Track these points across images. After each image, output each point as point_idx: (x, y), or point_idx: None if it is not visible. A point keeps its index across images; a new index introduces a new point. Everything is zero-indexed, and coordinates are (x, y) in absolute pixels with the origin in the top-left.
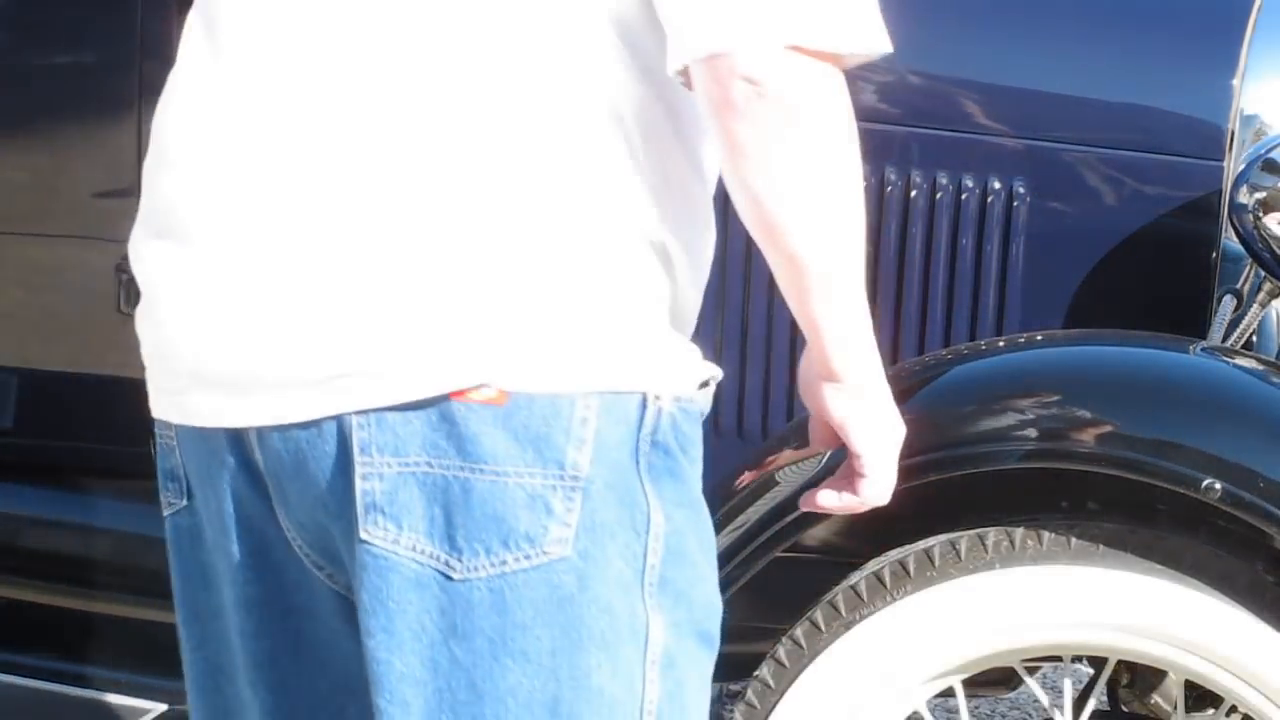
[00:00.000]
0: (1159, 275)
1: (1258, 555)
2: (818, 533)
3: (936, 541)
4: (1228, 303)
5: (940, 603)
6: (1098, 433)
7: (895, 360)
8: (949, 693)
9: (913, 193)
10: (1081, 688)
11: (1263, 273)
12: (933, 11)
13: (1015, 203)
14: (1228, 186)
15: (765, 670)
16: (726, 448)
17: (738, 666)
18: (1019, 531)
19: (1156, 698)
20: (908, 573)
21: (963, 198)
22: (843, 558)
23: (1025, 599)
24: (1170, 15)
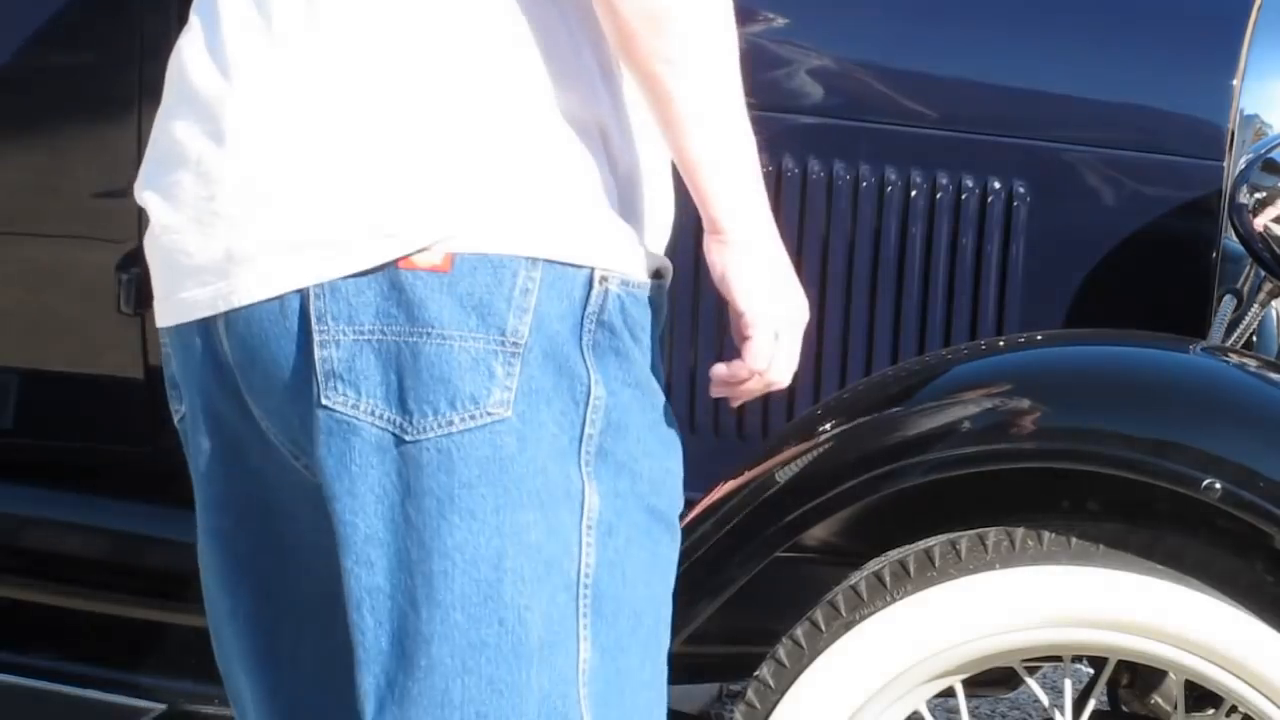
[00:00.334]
0: (1159, 275)
1: (1258, 555)
2: (818, 533)
3: (936, 541)
4: (1228, 303)
5: (940, 603)
6: (1098, 433)
7: (895, 360)
8: (949, 693)
9: (913, 193)
10: (1081, 688)
11: (1263, 273)
12: (933, 11)
13: (1015, 203)
14: (1228, 186)
15: (765, 670)
16: (726, 448)
17: (738, 666)
18: (1019, 531)
19: (1156, 698)
20: (908, 573)
21: (963, 198)
22: (843, 558)
23: (1025, 599)
24: (1170, 15)
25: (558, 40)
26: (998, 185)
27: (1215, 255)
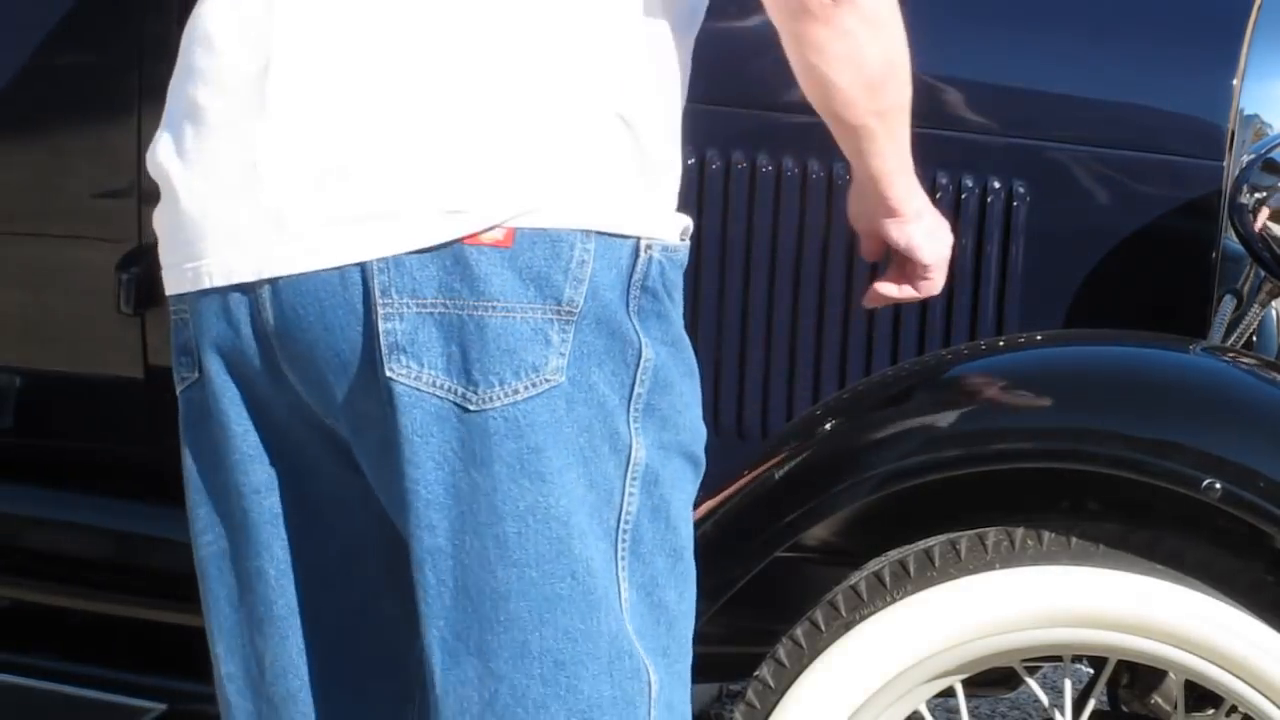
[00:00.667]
0: (1159, 275)
1: (1258, 555)
2: (818, 533)
3: (936, 541)
4: (1228, 303)
5: (940, 603)
6: (1098, 433)
7: (895, 360)
8: (949, 693)
9: None
10: (1081, 688)
11: (1263, 273)
12: (933, 11)
13: (1015, 203)
14: (1228, 186)
15: (765, 670)
16: (726, 448)
17: (738, 666)
18: (1019, 531)
19: (1156, 698)
20: (908, 573)
21: (963, 198)
22: (843, 558)
23: (1025, 599)
24: (1170, 15)
25: (610, 43)
26: (998, 185)
27: (1215, 255)
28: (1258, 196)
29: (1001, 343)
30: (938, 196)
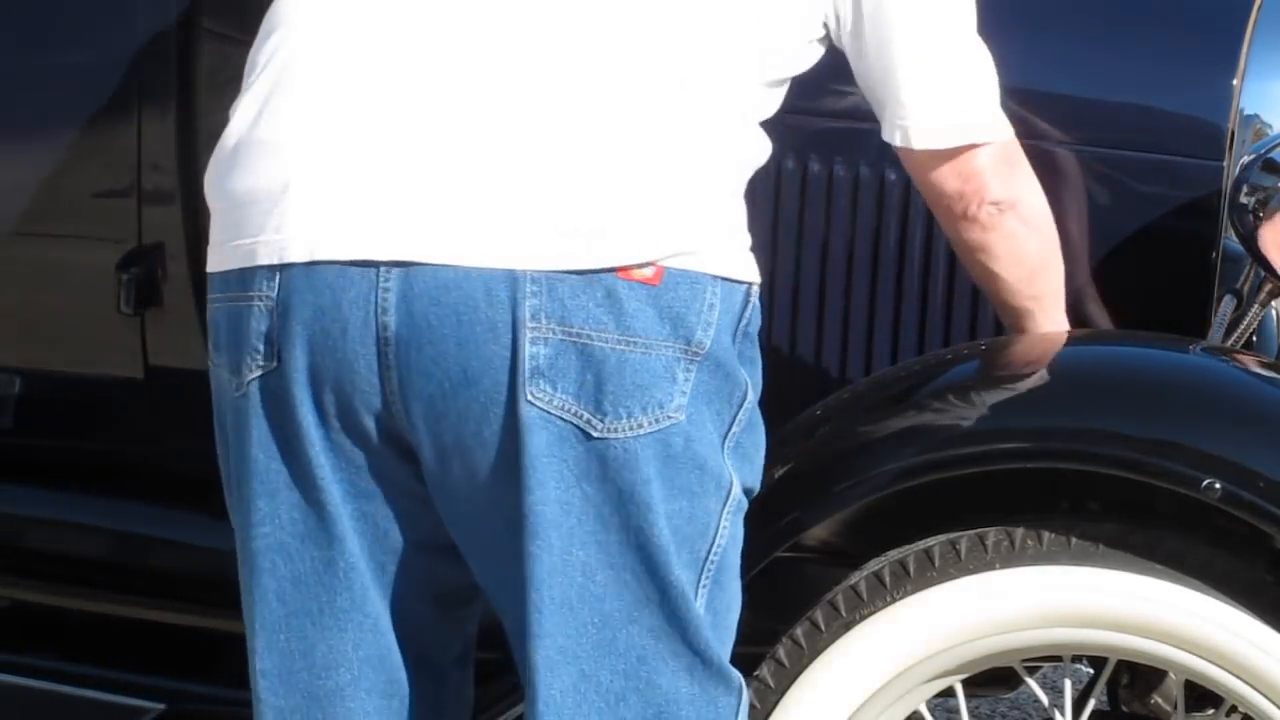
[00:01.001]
0: (1159, 275)
1: (1258, 555)
2: (818, 533)
3: (936, 541)
4: (1228, 303)
5: (940, 603)
6: (1098, 433)
7: (895, 360)
8: (949, 693)
9: (913, 192)
10: (1081, 688)
11: (1263, 273)
12: None
13: None
14: (1228, 186)
15: (765, 670)
16: None
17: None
18: (1019, 531)
19: (1156, 698)
20: (908, 573)
21: None
22: (843, 558)
23: (1025, 599)
24: (1170, 15)
25: (736, 114)
26: None
27: (1215, 255)
28: (1258, 196)
29: (1001, 343)
30: None
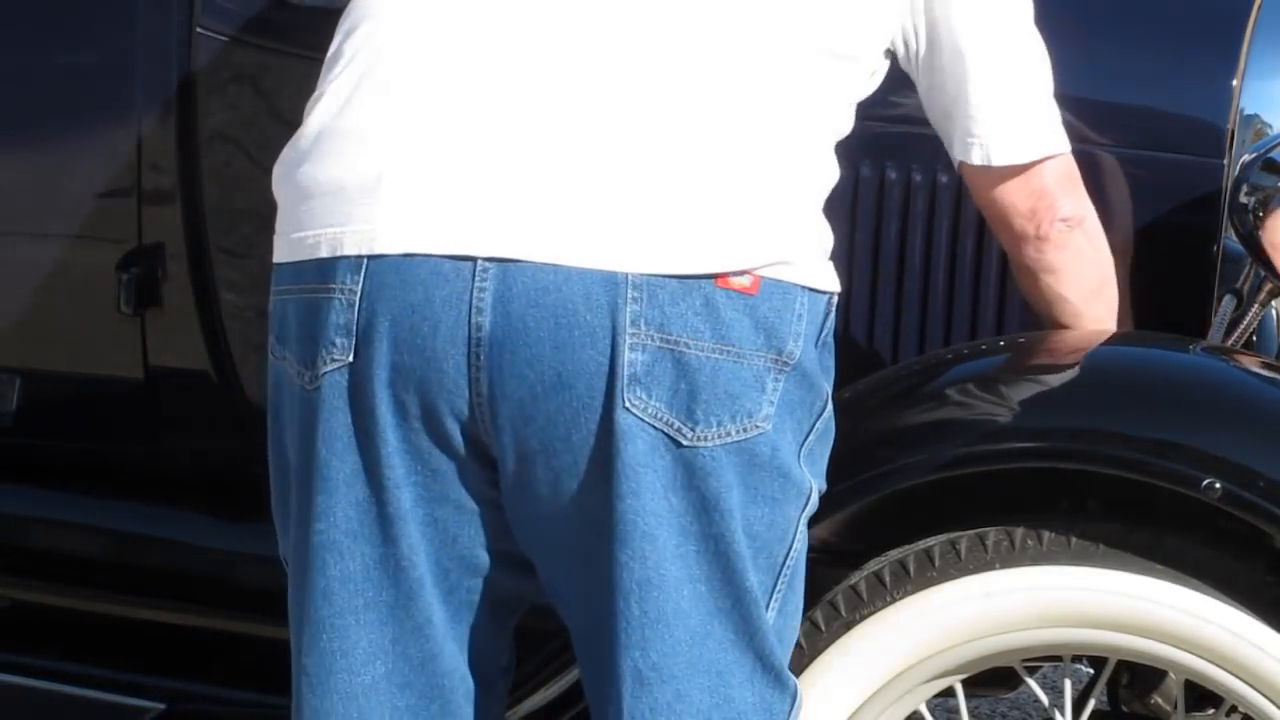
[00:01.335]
0: (1159, 275)
1: (1258, 555)
2: (818, 533)
3: (936, 541)
4: (1228, 303)
5: (940, 603)
6: (1098, 433)
7: (895, 360)
8: (949, 693)
9: (913, 193)
10: (1081, 688)
11: (1263, 273)
12: None
13: None
14: (1228, 186)
15: None
16: None
17: None
18: (1019, 531)
19: (1156, 698)
20: (908, 573)
21: (963, 198)
22: (843, 558)
23: (1025, 599)
24: (1170, 15)
25: (828, 141)
26: None
27: (1215, 255)
28: (1258, 196)
29: (1001, 343)
30: (938, 197)
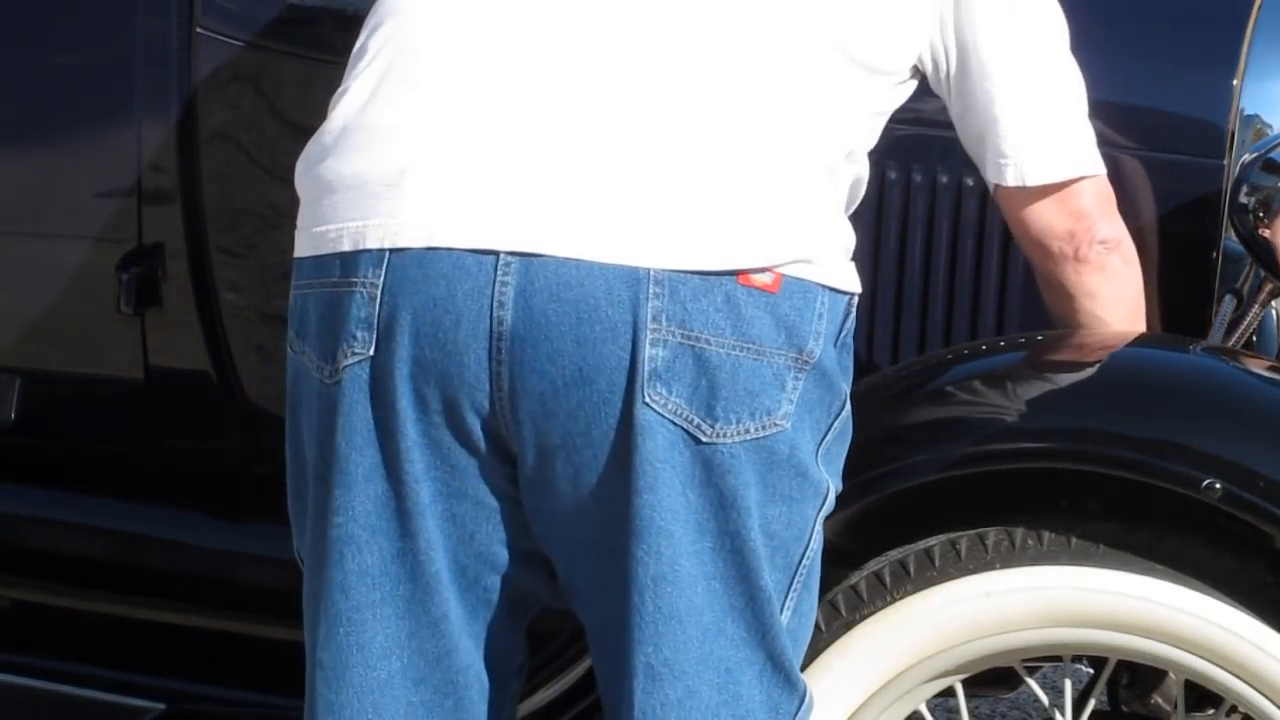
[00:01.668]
0: (1159, 275)
1: (1258, 555)
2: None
3: (936, 541)
4: (1228, 303)
5: (940, 603)
6: (1098, 433)
7: (895, 360)
8: (949, 693)
9: (913, 193)
10: (1081, 688)
11: (1263, 273)
12: None
13: None
14: (1228, 186)
15: None
16: None
17: None
18: (1019, 531)
19: (1156, 698)
20: (908, 573)
21: (963, 198)
22: (843, 558)
23: (1025, 599)
24: (1170, 15)
25: (854, 147)
26: None
27: (1215, 255)
28: (1258, 196)
29: (1001, 343)
30: (938, 197)
